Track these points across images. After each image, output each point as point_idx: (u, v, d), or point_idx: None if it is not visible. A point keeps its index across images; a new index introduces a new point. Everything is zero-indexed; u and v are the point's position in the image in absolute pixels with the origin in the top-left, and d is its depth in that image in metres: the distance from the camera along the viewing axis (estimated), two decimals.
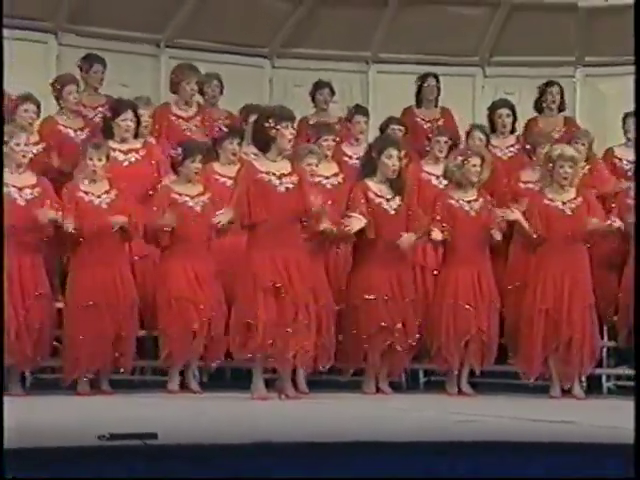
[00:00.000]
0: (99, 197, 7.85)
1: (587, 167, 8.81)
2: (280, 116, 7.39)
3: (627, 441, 5.07)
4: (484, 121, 9.54)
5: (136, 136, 8.46)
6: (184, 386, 8.04)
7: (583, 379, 8.27)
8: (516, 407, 7.46)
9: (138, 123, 8.42)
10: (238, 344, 7.45)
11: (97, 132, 8.66)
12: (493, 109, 9.29)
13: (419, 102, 9.70)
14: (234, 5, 10.05)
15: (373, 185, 8.04)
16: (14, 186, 7.67)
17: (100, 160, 7.84)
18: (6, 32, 9.30)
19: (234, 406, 7.29)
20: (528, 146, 8.90)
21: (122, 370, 7.89)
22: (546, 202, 8.11)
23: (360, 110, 9.26)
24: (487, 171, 8.41)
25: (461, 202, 8.21)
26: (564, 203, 8.10)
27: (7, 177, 7.67)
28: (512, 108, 9.28)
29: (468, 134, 9.05)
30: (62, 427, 5.80)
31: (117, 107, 8.41)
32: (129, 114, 8.34)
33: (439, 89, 9.69)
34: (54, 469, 4.57)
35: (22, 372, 7.85)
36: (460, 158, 8.28)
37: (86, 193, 7.84)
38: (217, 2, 10.01)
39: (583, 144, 8.81)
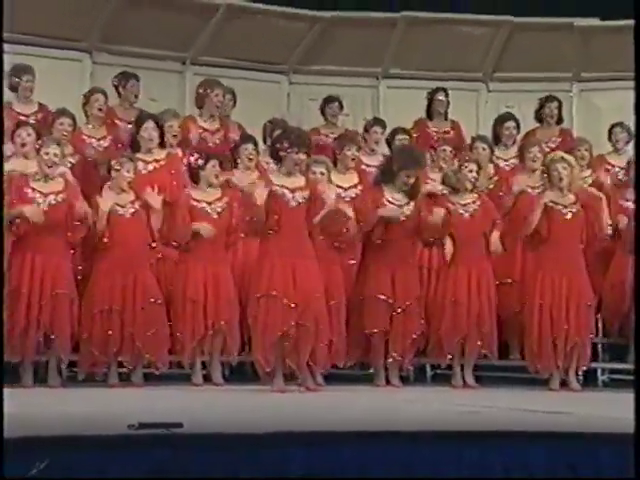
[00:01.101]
0: (123, 207, 7.86)
1: (593, 175, 8.84)
2: (292, 142, 7.38)
3: (622, 430, 5.05)
4: (487, 132, 9.53)
5: (163, 147, 8.47)
6: (208, 379, 8.05)
7: (580, 373, 8.25)
8: (517, 399, 7.44)
9: (162, 134, 8.43)
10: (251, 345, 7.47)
11: (120, 142, 8.66)
12: (500, 122, 9.26)
13: (430, 115, 9.69)
14: (254, 25, 10.06)
15: (388, 192, 8.03)
16: (40, 192, 7.69)
17: (128, 172, 7.85)
18: (44, 51, 9.44)
19: (255, 398, 7.28)
20: (519, 153, 8.90)
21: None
22: (550, 204, 8.08)
23: (378, 122, 9.27)
24: (485, 179, 8.40)
25: (457, 205, 8.18)
26: (565, 207, 8.08)
27: (37, 184, 7.70)
28: (517, 121, 9.26)
29: (471, 145, 9.03)
30: (95, 417, 5.80)
31: (138, 119, 8.43)
32: (150, 124, 8.35)
33: (448, 103, 9.68)
34: (88, 455, 4.57)
35: (59, 365, 7.88)
36: (457, 164, 8.27)
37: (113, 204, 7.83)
38: (238, 23, 10.02)
39: (586, 150, 8.85)
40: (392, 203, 8.04)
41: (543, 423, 5.73)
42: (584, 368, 8.18)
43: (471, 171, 8.17)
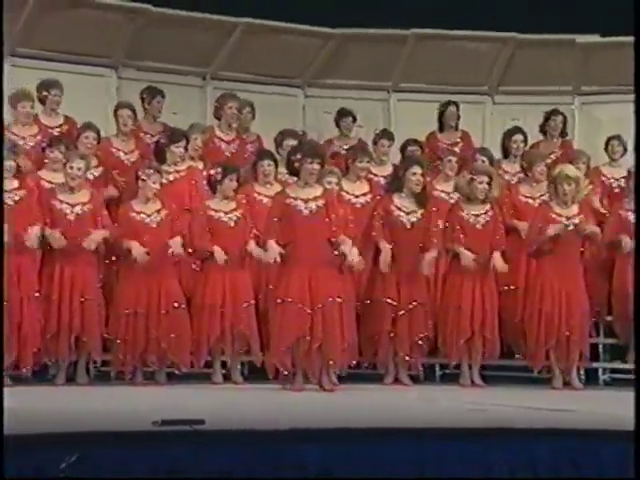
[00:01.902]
0: (149, 216, 7.88)
1: (590, 186, 8.83)
2: (305, 153, 7.45)
3: (621, 427, 5.04)
4: (493, 143, 9.53)
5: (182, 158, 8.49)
6: (227, 378, 8.05)
7: (582, 372, 8.25)
8: (522, 397, 7.42)
9: (186, 149, 8.46)
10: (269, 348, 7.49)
11: (147, 155, 8.68)
12: (508, 136, 9.18)
13: (441, 126, 9.67)
14: (271, 42, 10.07)
15: (397, 200, 8.03)
16: (67, 203, 7.74)
17: (154, 183, 7.87)
18: (73, 67, 9.49)
19: (272, 396, 7.27)
20: (524, 164, 8.86)
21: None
22: (553, 216, 8.07)
23: (386, 135, 9.25)
24: (497, 190, 8.38)
25: (469, 215, 8.18)
26: (568, 218, 8.06)
27: (64, 195, 7.75)
28: (525, 135, 9.23)
29: (473, 157, 8.99)
30: (121, 414, 5.81)
31: (173, 136, 8.45)
32: (183, 142, 8.40)
33: (459, 115, 9.67)
34: (114, 450, 4.58)
35: (87, 364, 7.90)
36: (469, 175, 8.26)
37: (138, 213, 7.85)
38: (256, 40, 10.03)
39: (584, 163, 8.86)
40: (401, 210, 8.03)
41: (547, 420, 5.72)
42: (584, 367, 8.15)
43: (482, 182, 8.16)
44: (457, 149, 9.49)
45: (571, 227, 8.04)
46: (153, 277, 7.79)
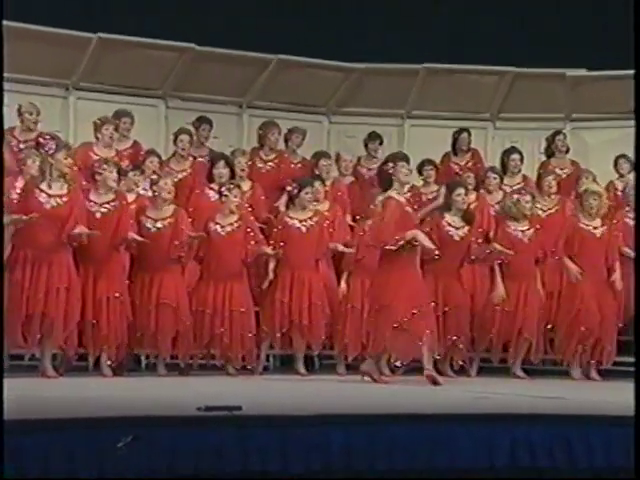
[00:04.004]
0: (223, 227, 7.81)
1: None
2: (395, 158, 7.45)
3: (613, 413, 5.00)
4: (494, 163, 9.53)
5: (233, 178, 8.38)
6: (265, 369, 8.02)
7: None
8: (522, 386, 7.37)
9: (232, 170, 8.38)
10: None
11: (197, 174, 8.68)
12: (507, 154, 9.22)
13: (454, 150, 9.64)
14: (300, 75, 10.09)
15: (448, 217, 8.02)
16: (149, 217, 7.68)
17: (235, 197, 7.83)
18: (128, 99, 9.54)
19: (301, 385, 7.25)
20: (540, 181, 8.80)
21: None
22: (581, 225, 8.10)
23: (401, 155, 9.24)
24: (534, 206, 8.37)
25: (516, 231, 8.13)
26: (595, 228, 8.08)
27: (150, 211, 7.69)
28: (521, 154, 9.23)
29: (485, 174, 9.01)
30: (170, 400, 5.81)
31: (213, 159, 8.45)
32: (221, 163, 8.37)
33: (470, 141, 9.65)
34: (164, 432, 4.58)
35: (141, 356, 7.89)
36: (515, 196, 8.23)
37: (216, 224, 7.80)
38: (287, 73, 10.06)
39: (587, 178, 8.85)
40: (451, 225, 7.98)
41: (545, 407, 5.68)
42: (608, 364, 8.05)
43: (527, 202, 8.16)
44: (469, 167, 9.43)
45: (598, 234, 8.01)
46: (221, 281, 7.71)
